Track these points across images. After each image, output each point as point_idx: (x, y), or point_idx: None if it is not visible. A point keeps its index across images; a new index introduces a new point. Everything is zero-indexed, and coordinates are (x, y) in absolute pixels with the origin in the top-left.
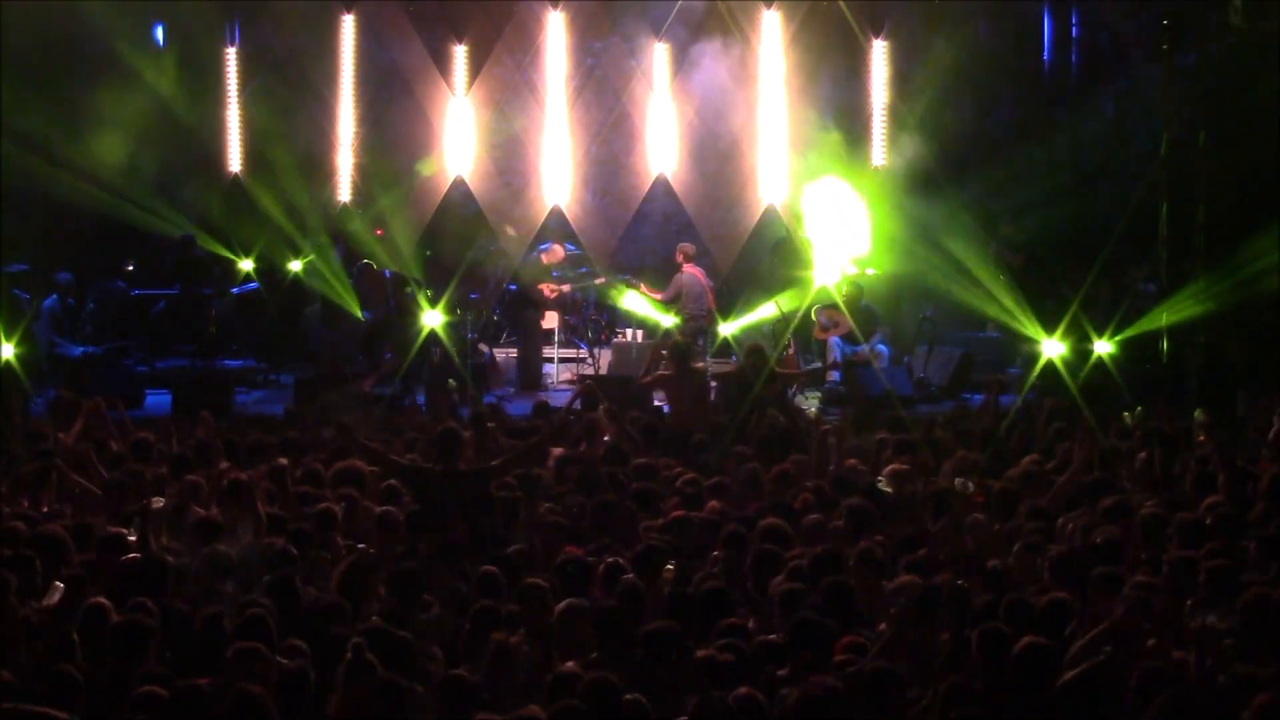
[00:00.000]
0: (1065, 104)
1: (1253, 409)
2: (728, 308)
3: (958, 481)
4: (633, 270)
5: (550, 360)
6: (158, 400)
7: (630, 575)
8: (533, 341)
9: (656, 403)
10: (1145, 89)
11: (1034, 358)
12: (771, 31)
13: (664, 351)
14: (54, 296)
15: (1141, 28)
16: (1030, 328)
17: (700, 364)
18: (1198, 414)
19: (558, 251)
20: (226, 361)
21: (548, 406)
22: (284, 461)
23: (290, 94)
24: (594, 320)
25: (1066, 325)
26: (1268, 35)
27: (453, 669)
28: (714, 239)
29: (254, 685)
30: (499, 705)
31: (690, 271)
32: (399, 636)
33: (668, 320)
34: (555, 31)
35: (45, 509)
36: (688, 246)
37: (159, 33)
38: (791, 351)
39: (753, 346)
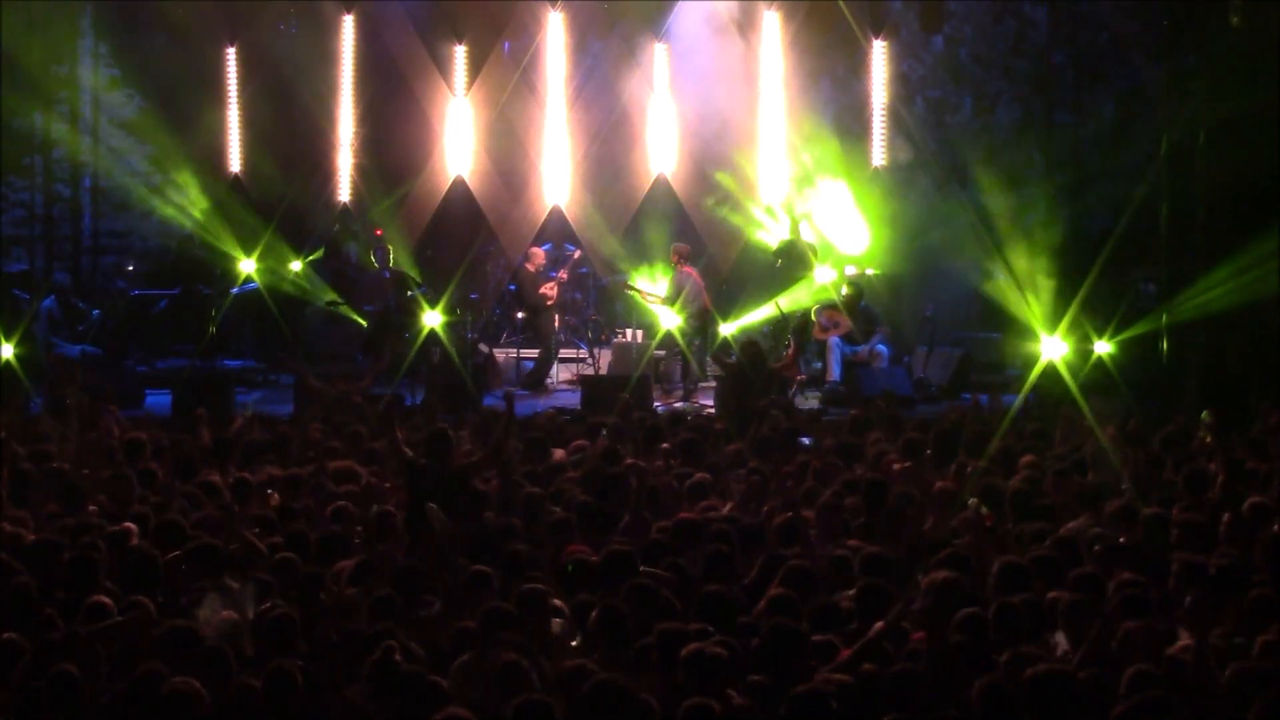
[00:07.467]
0: (1065, 104)
1: (1253, 409)
2: (727, 308)
3: (971, 502)
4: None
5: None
6: (158, 400)
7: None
8: (546, 345)
9: (657, 404)
10: (1145, 89)
11: (1034, 358)
12: (771, 31)
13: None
14: (53, 297)
15: (1141, 28)
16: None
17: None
18: (1204, 415)
19: (538, 254)
20: (226, 361)
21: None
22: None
23: (290, 94)
24: (594, 320)
25: (1067, 325)
26: (1268, 35)
27: (442, 669)
28: (713, 239)
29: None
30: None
31: (688, 271)
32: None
33: (670, 318)
34: (555, 31)
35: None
36: (683, 246)
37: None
38: (791, 351)
39: (748, 341)
